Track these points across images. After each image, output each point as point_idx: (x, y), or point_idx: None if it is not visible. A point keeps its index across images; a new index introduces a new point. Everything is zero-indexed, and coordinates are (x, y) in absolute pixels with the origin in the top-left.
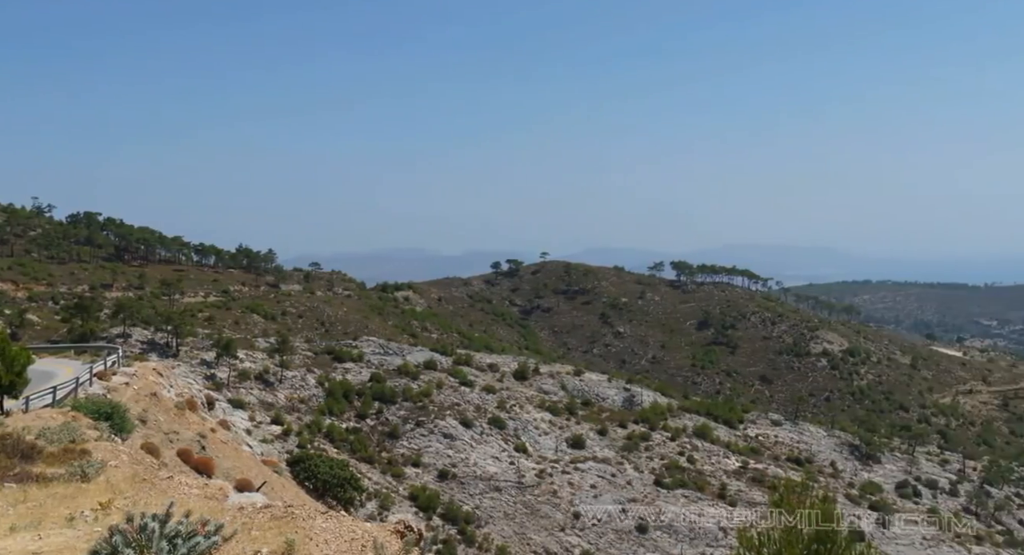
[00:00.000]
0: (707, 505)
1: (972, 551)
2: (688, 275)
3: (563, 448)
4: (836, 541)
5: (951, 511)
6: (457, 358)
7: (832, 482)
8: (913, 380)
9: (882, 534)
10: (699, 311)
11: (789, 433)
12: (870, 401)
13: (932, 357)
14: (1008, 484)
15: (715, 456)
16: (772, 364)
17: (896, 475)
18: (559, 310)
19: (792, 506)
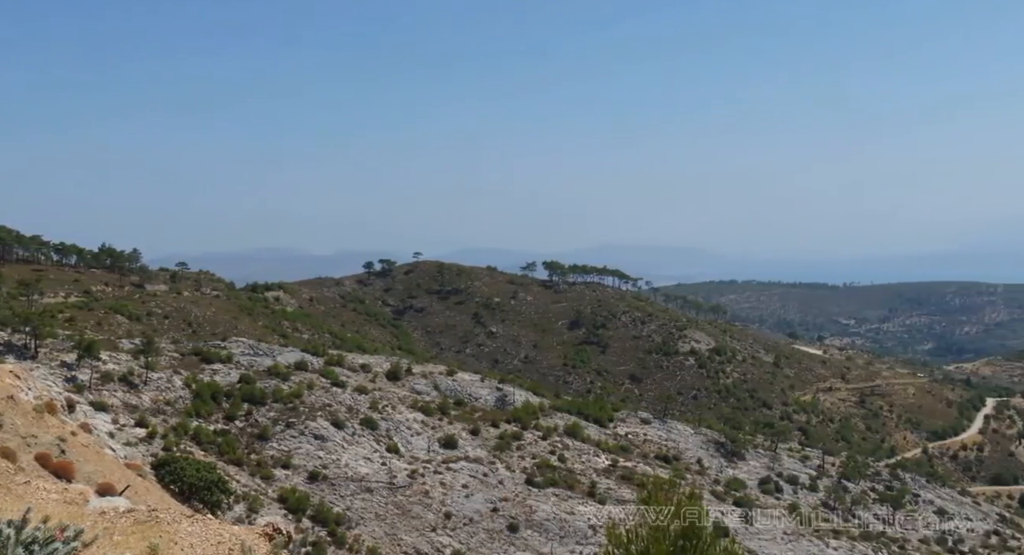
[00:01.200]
0: (577, 503)
1: (830, 545)
2: (560, 275)
3: (435, 448)
4: (702, 537)
5: (811, 506)
6: (329, 359)
7: (699, 479)
8: (776, 378)
9: (746, 529)
10: (571, 311)
11: (658, 431)
12: (735, 399)
13: (794, 355)
14: (864, 479)
15: (586, 455)
16: (642, 363)
17: (759, 471)
18: (432, 310)
19: (660, 503)
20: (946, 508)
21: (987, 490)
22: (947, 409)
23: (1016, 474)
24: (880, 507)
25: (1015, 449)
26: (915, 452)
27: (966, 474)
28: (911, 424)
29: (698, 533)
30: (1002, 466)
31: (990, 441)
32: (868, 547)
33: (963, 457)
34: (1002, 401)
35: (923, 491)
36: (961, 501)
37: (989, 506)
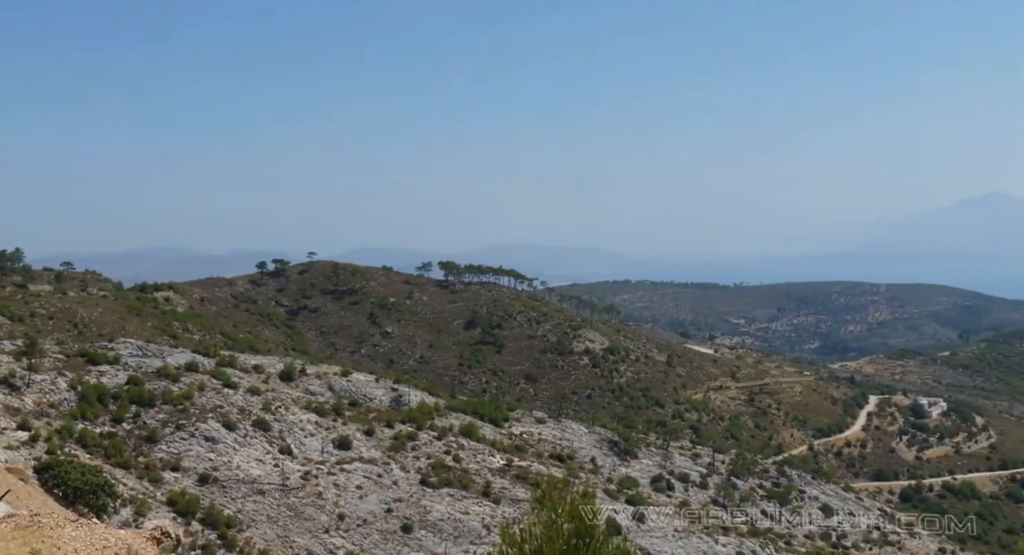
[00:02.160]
0: (472, 503)
1: (719, 541)
2: (456, 275)
3: (329, 449)
4: (594, 536)
5: (701, 503)
6: (220, 360)
7: (592, 478)
8: (668, 377)
9: (638, 527)
10: (466, 311)
11: (552, 430)
12: (629, 398)
13: (686, 355)
14: (752, 476)
15: (480, 454)
16: (537, 362)
17: (652, 470)
18: (327, 310)
19: (553, 502)
20: (831, 504)
21: (869, 486)
22: (832, 407)
23: (897, 470)
24: (768, 503)
25: (896, 445)
26: (801, 449)
27: (850, 470)
28: (798, 422)
29: (591, 532)
30: (884, 462)
31: (872, 438)
32: (756, 543)
33: (847, 454)
34: (884, 398)
35: (809, 487)
36: (845, 497)
37: (871, 501)
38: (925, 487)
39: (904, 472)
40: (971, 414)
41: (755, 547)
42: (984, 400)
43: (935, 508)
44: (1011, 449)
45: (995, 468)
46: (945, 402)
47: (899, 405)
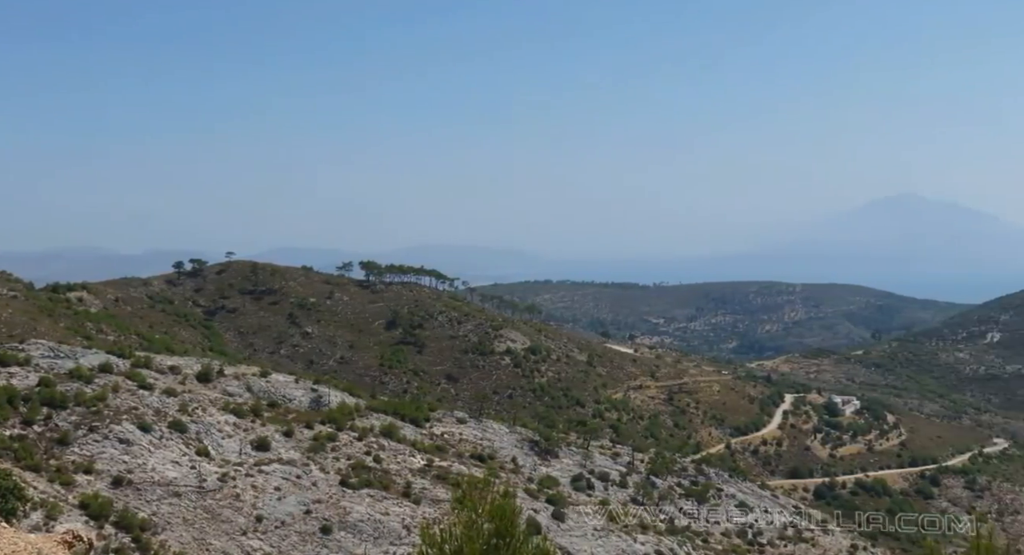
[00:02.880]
0: (392, 504)
1: (638, 539)
2: (377, 275)
3: (247, 451)
4: (514, 535)
5: (620, 502)
6: (135, 361)
7: (513, 477)
8: (589, 377)
9: (557, 526)
10: (388, 311)
11: (473, 430)
12: (550, 397)
13: (606, 354)
14: (671, 475)
15: (401, 455)
16: (458, 363)
17: (572, 469)
18: (245, 311)
19: (474, 502)
20: (747, 502)
21: (785, 483)
22: (749, 406)
23: (811, 467)
24: (686, 502)
25: (811, 443)
26: (719, 448)
27: (766, 468)
28: (716, 420)
29: (511, 531)
30: (799, 460)
31: (788, 436)
32: (674, 541)
33: (763, 452)
34: (799, 397)
35: (726, 485)
36: (761, 494)
37: (786, 499)
38: (838, 484)
39: (818, 470)
40: (883, 412)
41: (673, 545)
42: (895, 398)
43: (848, 505)
44: (920, 446)
45: (905, 465)
46: (858, 400)
47: (814, 403)
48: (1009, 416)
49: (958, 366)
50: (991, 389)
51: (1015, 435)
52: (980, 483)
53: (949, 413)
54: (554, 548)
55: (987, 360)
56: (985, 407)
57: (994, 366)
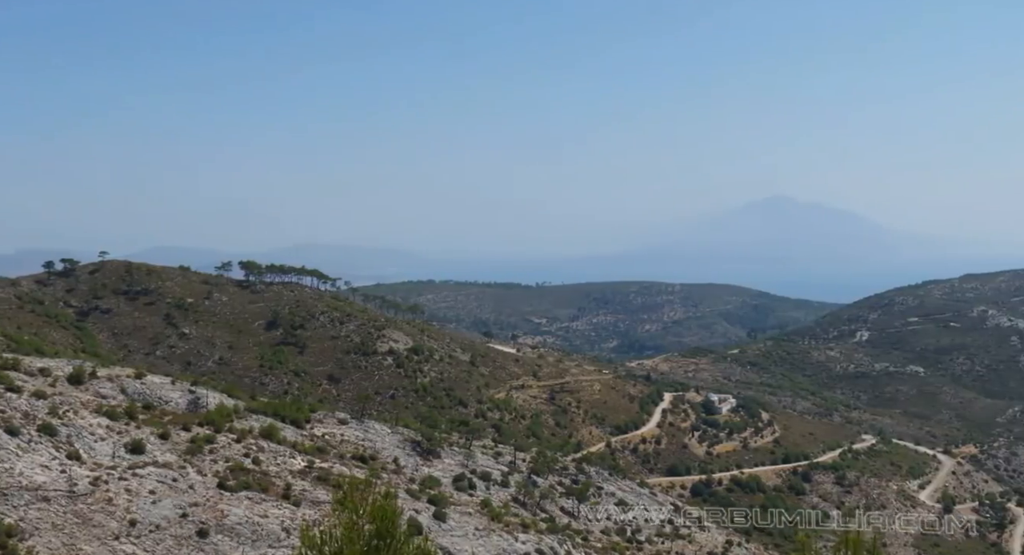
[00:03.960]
0: (271, 506)
1: (519, 538)
2: (257, 275)
3: (121, 454)
4: (395, 536)
5: (502, 501)
6: (3, 362)
7: (395, 478)
8: (472, 376)
9: (439, 527)
10: (268, 311)
11: (355, 431)
12: (432, 398)
13: (489, 354)
14: (552, 473)
15: (281, 456)
16: (340, 363)
17: (454, 469)
18: (120, 311)
19: (355, 504)
20: (626, 499)
21: (663, 481)
22: (629, 404)
23: (689, 465)
24: (567, 500)
25: (688, 441)
26: (600, 446)
27: (645, 466)
28: (596, 419)
29: (392, 532)
30: (677, 458)
31: (667, 434)
32: (554, 539)
33: (643, 450)
34: (678, 396)
35: (606, 484)
36: (640, 492)
37: (664, 496)
38: (715, 481)
39: (696, 467)
40: (758, 410)
41: (553, 543)
42: (770, 396)
43: (724, 501)
44: (793, 443)
45: (779, 462)
46: (734, 399)
47: (692, 402)
48: (877, 413)
49: (829, 364)
50: (860, 386)
51: (882, 431)
52: (849, 479)
53: (820, 410)
54: (435, 548)
55: (856, 358)
56: (854, 404)
57: (863, 364)
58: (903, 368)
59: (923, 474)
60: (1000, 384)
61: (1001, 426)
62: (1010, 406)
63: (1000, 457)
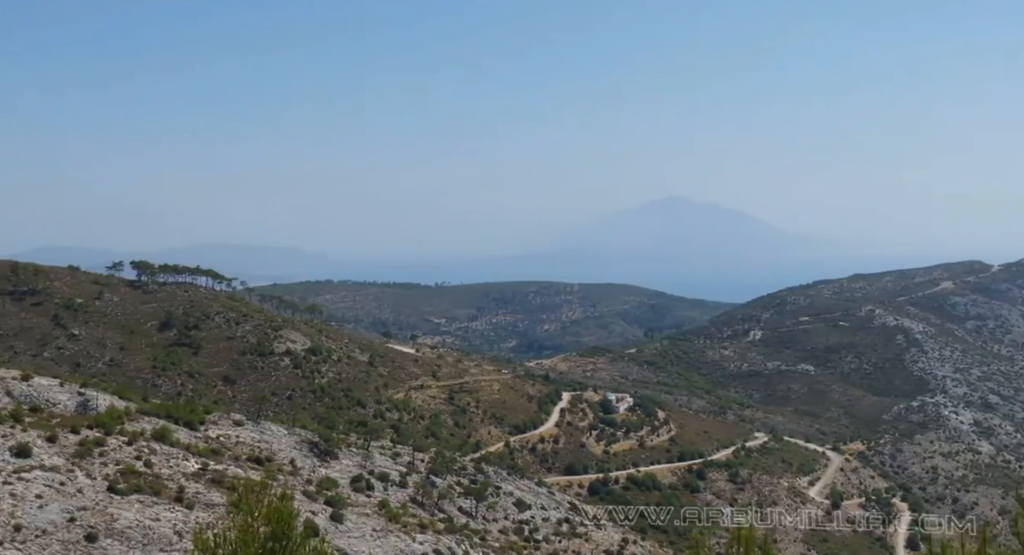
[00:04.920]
0: (163, 509)
1: (417, 539)
2: (150, 275)
3: (6, 458)
4: (291, 538)
5: (400, 502)
6: None
7: (291, 480)
8: (371, 377)
9: (336, 528)
10: (161, 312)
11: (251, 433)
12: (330, 398)
13: (388, 354)
14: (451, 474)
15: (174, 459)
16: (236, 364)
17: (352, 470)
18: (5, 312)
19: (250, 506)
20: (524, 499)
21: (561, 480)
22: (528, 404)
23: (586, 464)
24: (465, 500)
25: (586, 440)
26: (499, 446)
27: (543, 465)
28: (495, 419)
29: (288, 534)
30: (575, 457)
31: (565, 433)
32: (452, 540)
33: (541, 449)
34: (576, 395)
35: (504, 483)
36: (538, 491)
37: (562, 495)
38: (612, 480)
39: (593, 466)
40: (654, 409)
41: (451, 544)
42: (666, 395)
43: (620, 500)
44: (689, 441)
45: (674, 460)
46: (631, 398)
47: (590, 401)
48: (769, 411)
49: (724, 363)
50: (753, 385)
51: (774, 429)
52: (742, 476)
53: (715, 409)
54: (332, 550)
55: (750, 357)
56: (748, 402)
57: (756, 363)
58: (794, 366)
59: (813, 471)
60: (886, 382)
61: (887, 423)
62: (895, 403)
63: (886, 453)
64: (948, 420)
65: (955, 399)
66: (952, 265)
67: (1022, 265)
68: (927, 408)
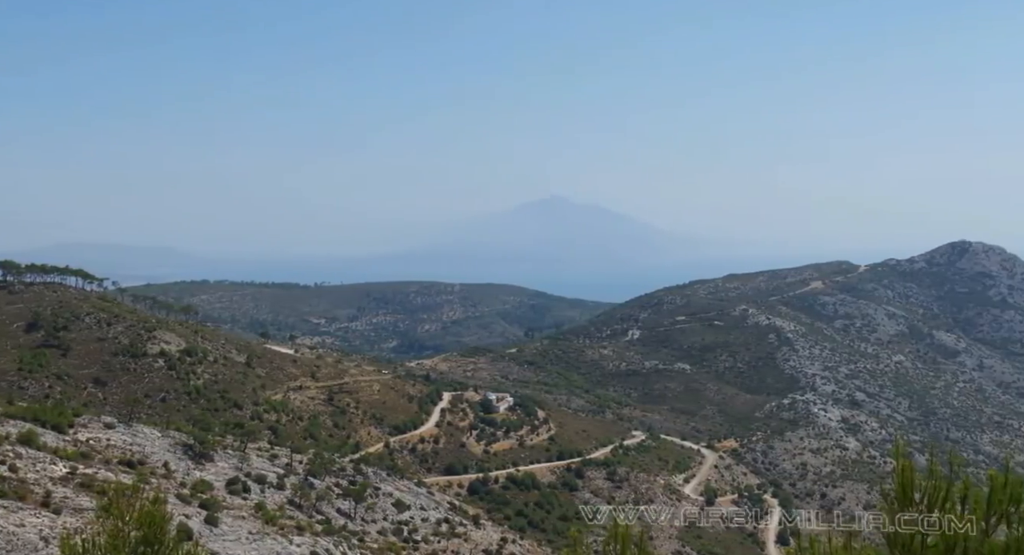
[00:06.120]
0: (29, 515)
1: (293, 541)
2: (16, 275)
3: None
4: (164, 542)
5: (277, 504)
6: None
7: (164, 483)
8: (248, 378)
9: (210, 531)
10: (28, 312)
11: (123, 435)
12: (206, 400)
13: (266, 355)
14: (330, 475)
15: (41, 463)
16: (107, 366)
17: (228, 472)
18: None
19: (121, 510)
20: (404, 499)
21: (441, 480)
22: (408, 404)
23: (466, 464)
24: (343, 501)
25: (466, 440)
26: (378, 447)
27: (423, 466)
28: (375, 419)
29: (160, 538)
30: (455, 457)
31: (445, 433)
32: (330, 541)
33: (421, 450)
34: (457, 395)
35: (384, 484)
36: (417, 492)
37: (441, 495)
38: (491, 479)
39: (473, 465)
40: (534, 408)
41: (329, 545)
42: (546, 394)
43: (500, 499)
44: (568, 440)
45: (553, 459)
46: (512, 397)
47: (470, 401)
48: (647, 409)
49: (603, 362)
50: (631, 384)
51: (651, 427)
52: (620, 474)
53: (594, 408)
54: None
55: (628, 356)
56: (626, 401)
57: (634, 362)
58: (671, 366)
59: (688, 468)
60: (759, 380)
61: (759, 420)
62: (767, 401)
63: (758, 450)
64: (817, 417)
65: (824, 397)
66: (822, 265)
67: (887, 266)
68: (797, 406)
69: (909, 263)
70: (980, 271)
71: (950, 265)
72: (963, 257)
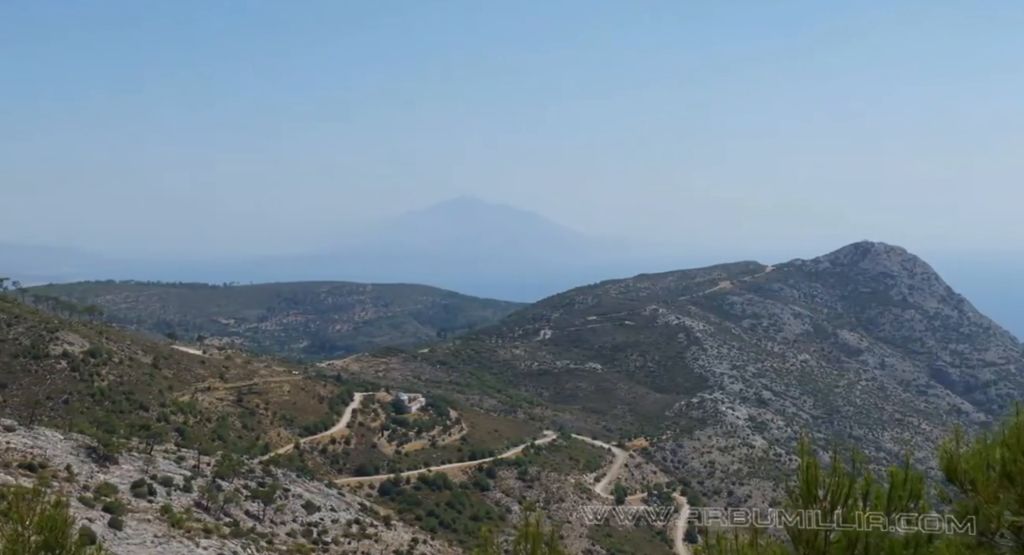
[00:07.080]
0: None
1: (200, 544)
2: None
3: None
4: (65, 547)
5: (184, 507)
6: None
7: (67, 486)
8: (155, 379)
9: (114, 535)
10: None
11: (23, 439)
12: (111, 402)
13: (174, 356)
14: (238, 477)
15: None
16: (7, 368)
17: (133, 475)
18: None
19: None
20: (314, 501)
21: (352, 481)
22: (319, 405)
23: (378, 464)
24: (252, 503)
25: (378, 441)
26: (288, 448)
27: (334, 467)
28: (285, 420)
29: (62, 543)
30: (366, 457)
31: (357, 434)
32: (238, 544)
33: (332, 450)
34: (368, 395)
35: (293, 485)
36: (328, 493)
37: (352, 496)
38: (403, 480)
39: (384, 466)
40: (446, 408)
41: (236, 548)
42: (459, 394)
43: (411, 500)
44: (480, 440)
45: (466, 459)
46: (424, 397)
47: (382, 401)
48: (558, 409)
49: (515, 362)
50: (543, 383)
51: (563, 427)
52: (531, 474)
53: (506, 408)
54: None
55: (540, 356)
56: (537, 401)
57: (546, 362)
58: (583, 365)
59: (599, 467)
60: (669, 379)
61: (669, 419)
62: (677, 400)
63: (667, 449)
64: (725, 416)
65: (732, 395)
66: (730, 265)
67: (793, 266)
68: (706, 404)
69: (814, 263)
70: (882, 271)
71: (853, 265)
72: (865, 257)
